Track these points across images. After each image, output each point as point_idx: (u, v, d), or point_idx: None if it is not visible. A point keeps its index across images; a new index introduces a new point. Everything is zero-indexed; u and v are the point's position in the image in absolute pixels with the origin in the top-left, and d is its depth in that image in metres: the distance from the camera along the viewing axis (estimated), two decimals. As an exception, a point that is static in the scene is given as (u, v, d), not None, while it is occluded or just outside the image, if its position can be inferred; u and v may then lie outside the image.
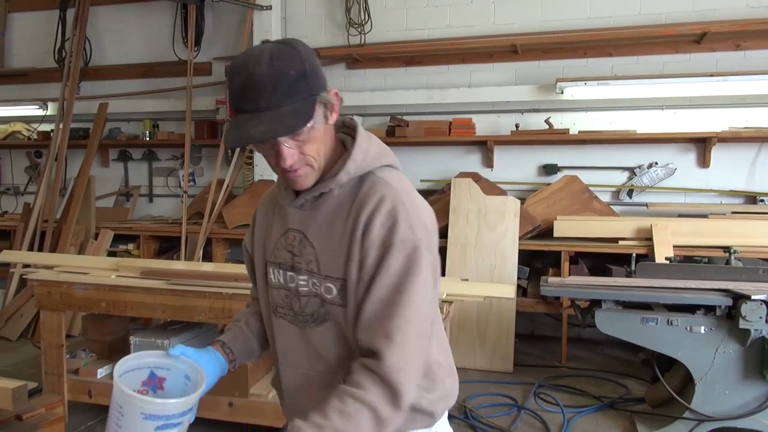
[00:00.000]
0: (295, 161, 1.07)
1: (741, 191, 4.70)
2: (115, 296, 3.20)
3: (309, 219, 1.14)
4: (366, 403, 0.96)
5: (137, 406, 1.05)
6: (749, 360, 3.05)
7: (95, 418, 3.46)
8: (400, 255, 1.04)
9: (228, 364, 1.28)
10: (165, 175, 6.15)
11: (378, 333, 1.01)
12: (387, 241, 1.05)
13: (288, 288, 1.18)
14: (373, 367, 0.99)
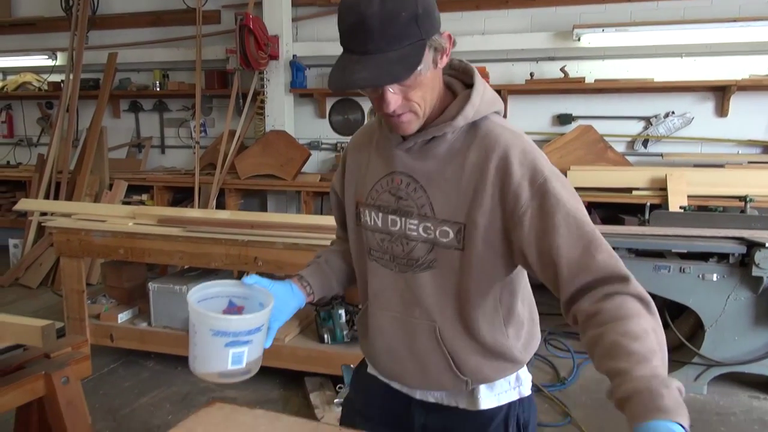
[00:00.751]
0: (399, 106, 1.04)
1: (759, 141, 4.63)
2: (132, 243, 3.25)
3: (419, 162, 1.11)
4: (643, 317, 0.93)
5: (206, 323, 1.08)
6: (760, 307, 3.07)
7: (117, 361, 3.56)
8: (558, 184, 1.03)
9: (306, 297, 1.28)
10: (176, 126, 6.14)
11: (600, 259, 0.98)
12: (537, 178, 1.03)
13: (389, 232, 1.15)
14: (622, 290, 0.96)
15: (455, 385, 1.16)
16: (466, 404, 1.19)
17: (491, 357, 1.13)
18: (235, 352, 1.08)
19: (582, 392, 3.22)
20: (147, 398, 3.14)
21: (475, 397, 1.17)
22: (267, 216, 3.70)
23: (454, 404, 1.19)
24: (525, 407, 1.21)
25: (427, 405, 1.21)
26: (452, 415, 1.19)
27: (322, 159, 5.69)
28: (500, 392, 1.18)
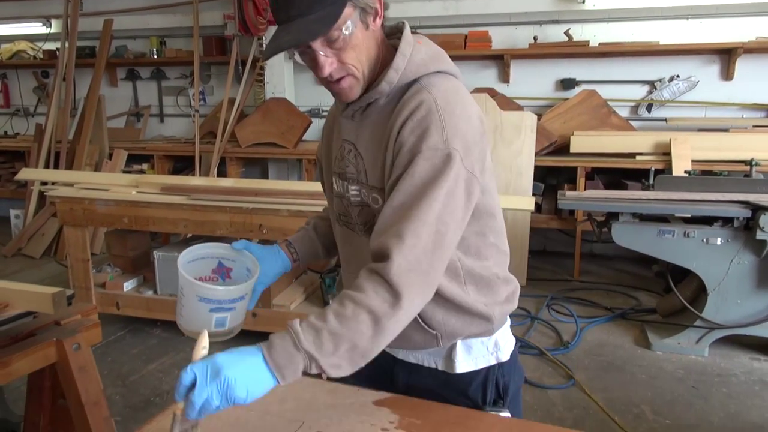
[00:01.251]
0: (334, 70, 1.04)
1: (764, 104, 4.59)
2: (136, 212, 3.25)
3: (359, 130, 1.13)
4: (365, 306, 0.92)
5: (193, 290, 1.13)
6: (763, 270, 3.09)
7: (124, 329, 3.60)
8: (426, 163, 0.99)
9: (292, 263, 1.32)
10: (175, 95, 6.07)
11: (390, 234, 0.97)
12: (415, 148, 1.00)
13: (344, 197, 1.19)
14: (378, 269, 0.95)
15: (427, 341, 1.16)
16: (444, 366, 1.20)
17: (456, 311, 1.13)
18: (218, 316, 1.15)
19: (585, 356, 3.26)
20: (155, 365, 3.17)
21: (453, 360, 1.17)
22: (271, 183, 3.69)
23: (434, 365, 1.20)
24: (505, 371, 1.21)
25: (409, 365, 1.23)
26: (432, 376, 1.20)
27: (322, 127, 5.62)
28: (478, 356, 1.19)
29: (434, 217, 0.97)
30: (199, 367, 0.88)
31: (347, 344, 0.91)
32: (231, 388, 0.87)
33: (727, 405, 2.74)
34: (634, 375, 3.05)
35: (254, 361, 0.90)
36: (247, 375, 0.88)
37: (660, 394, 2.85)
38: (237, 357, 0.90)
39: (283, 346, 0.91)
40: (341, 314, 0.93)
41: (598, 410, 2.70)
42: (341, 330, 0.91)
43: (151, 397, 2.84)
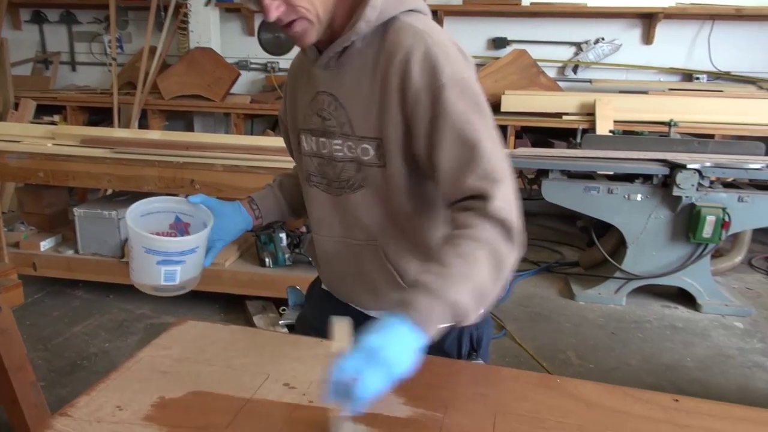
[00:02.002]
0: (282, 13, 0.97)
1: (680, 69, 4.85)
2: (54, 166, 3.03)
3: (337, 78, 1.06)
4: (481, 240, 0.89)
5: (139, 240, 1.09)
6: (677, 224, 3.31)
7: (42, 291, 3.39)
8: (455, 92, 0.95)
9: (254, 220, 1.27)
10: (88, 41, 5.64)
11: (473, 177, 0.94)
12: (434, 84, 0.96)
13: (321, 155, 1.12)
14: (480, 207, 0.92)
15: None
16: None
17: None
18: (167, 269, 1.11)
19: (515, 307, 3.40)
20: (80, 327, 3.02)
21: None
22: (203, 137, 3.52)
23: None
24: (478, 325, 1.20)
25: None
26: None
27: (251, 80, 5.44)
28: None
29: (498, 143, 0.97)
30: (353, 360, 0.79)
31: (473, 282, 0.87)
32: (396, 365, 0.80)
33: (643, 348, 2.96)
34: (559, 324, 3.22)
35: (403, 329, 0.82)
36: (404, 346, 0.81)
37: (583, 340, 3.03)
38: (387, 333, 0.82)
39: (425, 303, 0.84)
40: (461, 254, 0.89)
41: (529, 357, 2.84)
42: (466, 268, 0.87)
43: (77, 360, 2.71)
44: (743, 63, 4.76)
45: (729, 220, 3.13)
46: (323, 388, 0.80)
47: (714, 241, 3.20)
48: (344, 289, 1.23)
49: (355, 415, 0.83)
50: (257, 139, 3.57)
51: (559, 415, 0.95)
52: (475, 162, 0.95)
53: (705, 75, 4.81)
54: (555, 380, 1.05)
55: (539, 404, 0.98)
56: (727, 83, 4.78)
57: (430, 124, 0.97)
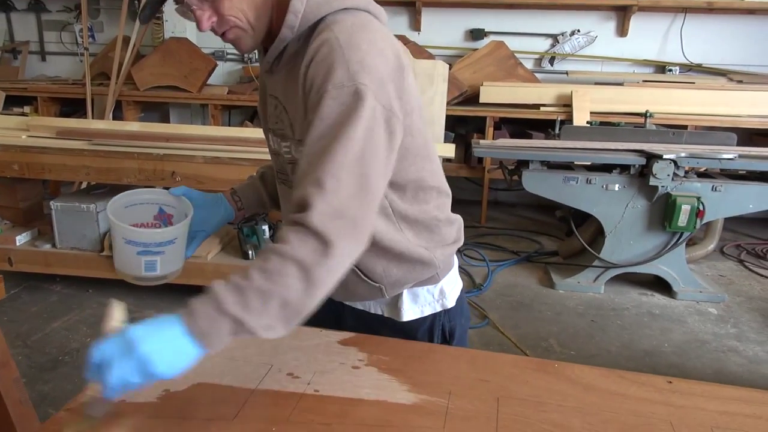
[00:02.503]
0: (214, 23, 0.97)
1: (653, 61, 4.94)
2: (28, 158, 2.96)
3: (279, 82, 1.07)
4: (291, 257, 0.84)
5: (119, 232, 1.12)
6: (654, 214, 3.39)
7: (19, 286, 3.32)
8: (334, 102, 0.90)
9: (236, 212, 1.28)
10: (58, 30, 5.50)
11: (308, 183, 0.88)
12: (321, 89, 0.92)
13: (280, 154, 1.13)
14: (300, 219, 0.86)
15: (372, 293, 1.15)
16: (390, 314, 1.20)
17: (397, 260, 1.11)
18: (147, 260, 1.13)
19: (496, 296, 3.45)
20: (59, 322, 2.97)
21: (399, 308, 1.17)
22: (184, 128, 3.47)
23: (380, 312, 1.20)
24: (451, 316, 1.23)
25: (356, 311, 1.23)
26: (379, 322, 1.21)
27: (228, 70, 5.37)
28: (423, 304, 1.19)
29: (354, 159, 0.89)
30: (110, 344, 0.79)
31: (277, 300, 0.83)
32: (150, 363, 0.78)
33: (622, 335, 3.03)
34: (541, 312, 3.27)
35: (173, 331, 0.81)
36: (166, 347, 0.79)
37: (564, 328, 3.09)
38: (153, 329, 0.81)
39: (205, 312, 0.81)
40: (266, 269, 0.84)
41: (512, 345, 2.89)
42: (268, 286, 0.82)
43: (59, 356, 2.67)
44: (714, 55, 4.87)
45: (703, 209, 3.22)
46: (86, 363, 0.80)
47: (689, 230, 3.29)
48: None
49: (108, 399, 0.81)
50: (238, 130, 3.53)
51: (558, 398, 0.97)
52: (315, 168, 0.89)
53: (677, 67, 4.91)
54: (553, 365, 1.08)
55: (539, 388, 1.00)
56: (698, 75, 4.89)
57: (308, 125, 0.94)
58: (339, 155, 0.88)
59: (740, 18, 4.82)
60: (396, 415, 0.91)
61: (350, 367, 1.04)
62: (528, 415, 0.92)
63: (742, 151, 3.43)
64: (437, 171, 1.17)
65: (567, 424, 0.90)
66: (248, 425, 0.88)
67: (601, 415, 0.93)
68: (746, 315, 3.27)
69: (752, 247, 4.36)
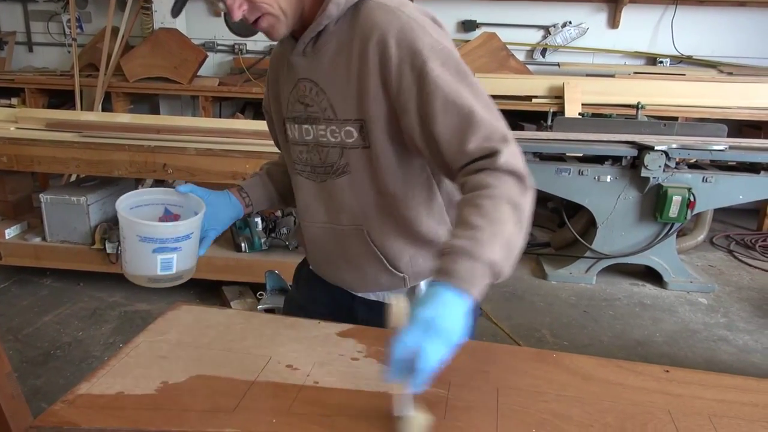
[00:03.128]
0: (246, 11, 0.97)
1: (644, 52, 4.96)
2: (18, 150, 2.92)
3: (315, 64, 1.06)
4: (499, 197, 0.90)
5: (133, 229, 1.08)
6: (645, 205, 3.41)
7: (8, 280, 3.29)
8: (437, 64, 0.95)
9: (244, 208, 1.27)
10: (45, 20, 5.42)
11: (476, 140, 0.94)
12: (416, 59, 0.95)
13: (305, 142, 1.12)
14: (489, 165, 0.93)
15: (393, 283, 1.17)
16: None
17: (425, 248, 1.13)
18: (163, 258, 1.10)
19: (490, 288, 3.44)
20: (50, 316, 2.94)
21: (417, 297, 1.15)
22: (175, 120, 3.45)
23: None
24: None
25: (368, 302, 1.23)
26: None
27: (218, 62, 5.32)
28: None
29: (488, 99, 0.98)
30: (412, 335, 0.80)
31: (502, 238, 0.88)
32: (450, 333, 0.81)
33: (614, 325, 3.05)
34: (533, 303, 3.29)
35: (447, 296, 0.84)
36: (451, 313, 0.83)
37: (557, 318, 3.11)
38: (433, 304, 0.83)
39: (459, 264, 0.85)
40: (483, 213, 0.89)
41: (505, 336, 2.90)
42: (493, 227, 0.88)
43: (50, 350, 2.65)
44: (704, 47, 4.90)
45: (694, 200, 3.24)
46: (384, 368, 0.81)
47: (680, 221, 3.31)
48: (332, 273, 1.24)
49: (417, 394, 0.83)
50: (230, 122, 3.50)
51: (558, 388, 0.98)
52: (474, 127, 0.95)
53: (668, 59, 4.93)
54: (551, 355, 1.08)
55: (538, 378, 1.00)
56: (689, 67, 4.91)
57: (419, 99, 0.97)
58: (481, 108, 0.96)
59: (731, 10, 4.84)
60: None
61: (349, 359, 1.04)
62: (528, 405, 0.93)
63: (732, 142, 3.45)
64: None
65: (567, 414, 0.90)
66: (249, 417, 0.88)
67: (601, 405, 0.93)
68: (736, 305, 3.31)
69: (741, 237, 4.40)
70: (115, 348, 2.50)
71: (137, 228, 1.08)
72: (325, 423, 0.86)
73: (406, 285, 1.17)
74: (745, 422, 0.90)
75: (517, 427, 0.87)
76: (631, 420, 0.89)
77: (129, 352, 1.03)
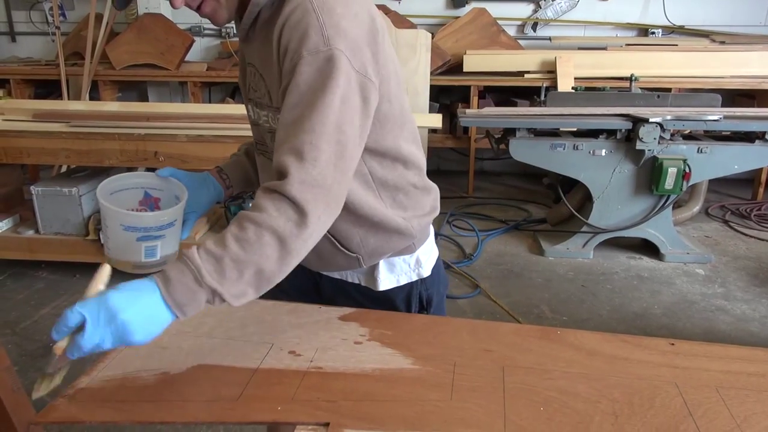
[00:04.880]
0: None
1: (635, 24, 4.91)
2: (6, 143, 2.88)
3: (254, 50, 1.05)
4: (267, 226, 0.85)
5: (116, 218, 1.06)
6: (641, 178, 3.40)
7: (3, 273, 3.26)
8: (310, 68, 0.89)
9: (225, 190, 1.25)
10: (26, 9, 5.32)
11: (286, 151, 0.89)
12: (296, 55, 0.91)
13: (258, 124, 1.12)
14: (278, 187, 0.87)
15: (349, 263, 1.15)
16: (366, 283, 1.19)
17: (375, 229, 1.11)
18: (147, 245, 1.09)
19: (487, 265, 3.46)
20: (48, 309, 2.92)
21: (375, 278, 1.17)
22: (164, 107, 3.40)
23: (357, 281, 1.20)
24: (427, 285, 1.22)
25: (333, 280, 1.22)
26: (357, 291, 1.20)
27: (205, 46, 5.25)
28: (400, 274, 1.19)
29: (332, 127, 0.89)
30: (91, 310, 0.79)
31: (252, 269, 0.84)
32: (128, 332, 0.80)
33: (612, 299, 3.06)
34: (531, 279, 3.29)
35: (152, 299, 0.82)
36: (144, 316, 0.81)
37: (555, 294, 3.11)
38: (132, 297, 0.81)
39: (183, 282, 0.82)
40: (243, 238, 0.84)
41: (504, 313, 2.90)
42: (244, 255, 0.84)
43: (49, 342, 2.61)
44: (696, 16, 4.85)
45: (689, 171, 3.23)
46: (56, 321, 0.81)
47: (676, 192, 3.31)
48: None
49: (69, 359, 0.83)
50: (220, 107, 3.46)
51: (563, 365, 0.97)
52: (293, 136, 0.90)
53: (660, 29, 4.88)
54: (555, 332, 1.07)
55: (543, 356, 1.00)
56: (681, 37, 4.87)
57: (283, 92, 0.93)
58: (316, 124, 0.88)
59: (722, -22, 4.79)
60: (402, 388, 0.90)
61: (352, 343, 1.03)
62: (534, 383, 0.92)
63: (726, 112, 3.43)
64: (414, 138, 1.16)
65: (573, 390, 0.90)
66: (253, 405, 0.87)
67: (607, 380, 0.92)
68: (733, 274, 3.32)
69: (736, 207, 4.41)
70: (114, 339, 2.49)
71: (120, 217, 1.07)
72: (330, 408, 0.86)
73: (361, 265, 1.15)
74: (752, 393, 0.89)
75: (524, 405, 0.87)
76: (638, 394, 0.89)
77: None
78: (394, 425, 0.82)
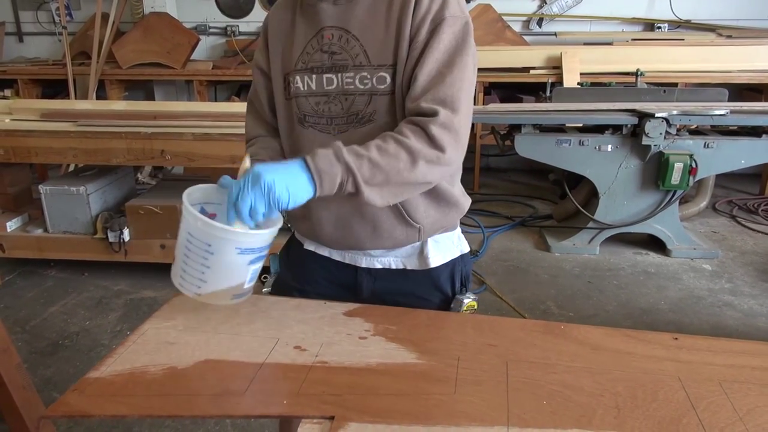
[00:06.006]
0: None
1: (642, 18, 4.89)
2: (14, 142, 2.90)
3: (348, 13, 1.08)
4: (407, 147, 0.97)
5: (233, 241, 0.95)
6: (647, 173, 3.39)
7: (13, 272, 3.29)
8: (451, 30, 1.03)
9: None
10: (34, 9, 5.35)
11: (430, 98, 1.01)
12: (438, 16, 1.03)
13: (325, 93, 1.11)
14: (422, 123, 0.99)
15: (408, 236, 1.16)
16: (418, 264, 1.21)
17: (437, 200, 1.16)
18: (255, 268, 1.01)
19: (493, 262, 3.46)
20: (57, 307, 2.95)
21: (426, 256, 1.20)
22: (172, 105, 3.42)
23: (401, 266, 1.21)
24: (466, 262, 1.29)
25: (373, 271, 1.22)
26: (401, 277, 1.21)
27: (211, 45, 5.26)
28: (445, 251, 1.23)
29: (468, 84, 1.04)
30: (243, 181, 0.92)
31: (383, 175, 0.96)
32: (272, 191, 0.90)
33: (619, 295, 3.06)
34: (537, 275, 3.29)
35: (294, 166, 0.94)
36: (287, 178, 0.92)
37: (562, 290, 3.11)
38: (277, 165, 0.94)
39: (325, 155, 0.94)
40: (383, 148, 0.97)
41: (510, 310, 2.91)
42: (381, 162, 0.96)
43: (59, 340, 2.66)
44: (702, 11, 4.83)
45: (696, 166, 3.22)
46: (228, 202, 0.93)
47: (682, 187, 3.29)
48: (342, 234, 1.19)
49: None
50: (226, 105, 3.47)
51: (567, 359, 0.98)
52: (437, 87, 1.02)
53: (666, 24, 4.86)
54: (559, 327, 1.08)
55: (547, 350, 1.00)
56: (687, 32, 4.84)
57: (424, 47, 1.04)
58: (457, 80, 1.02)
59: (729, -29, 4.76)
60: (407, 382, 0.91)
61: (357, 338, 1.04)
62: (538, 377, 0.93)
63: (733, 106, 3.42)
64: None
65: (577, 385, 0.90)
66: (260, 399, 0.88)
67: (611, 374, 0.93)
68: (740, 270, 3.31)
69: (744, 202, 4.39)
70: (123, 336, 2.51)
71: (239, 239, 0.95)
72: (335, 402, 0.86)
73: (420, 237, 1.17)
74: (756, 386, 0.90)
75: (528, 399, 0.87)
76: (641, 388, 0.89)
77: (136, 340, 1.03)
78: (399, 419, 0.82)
